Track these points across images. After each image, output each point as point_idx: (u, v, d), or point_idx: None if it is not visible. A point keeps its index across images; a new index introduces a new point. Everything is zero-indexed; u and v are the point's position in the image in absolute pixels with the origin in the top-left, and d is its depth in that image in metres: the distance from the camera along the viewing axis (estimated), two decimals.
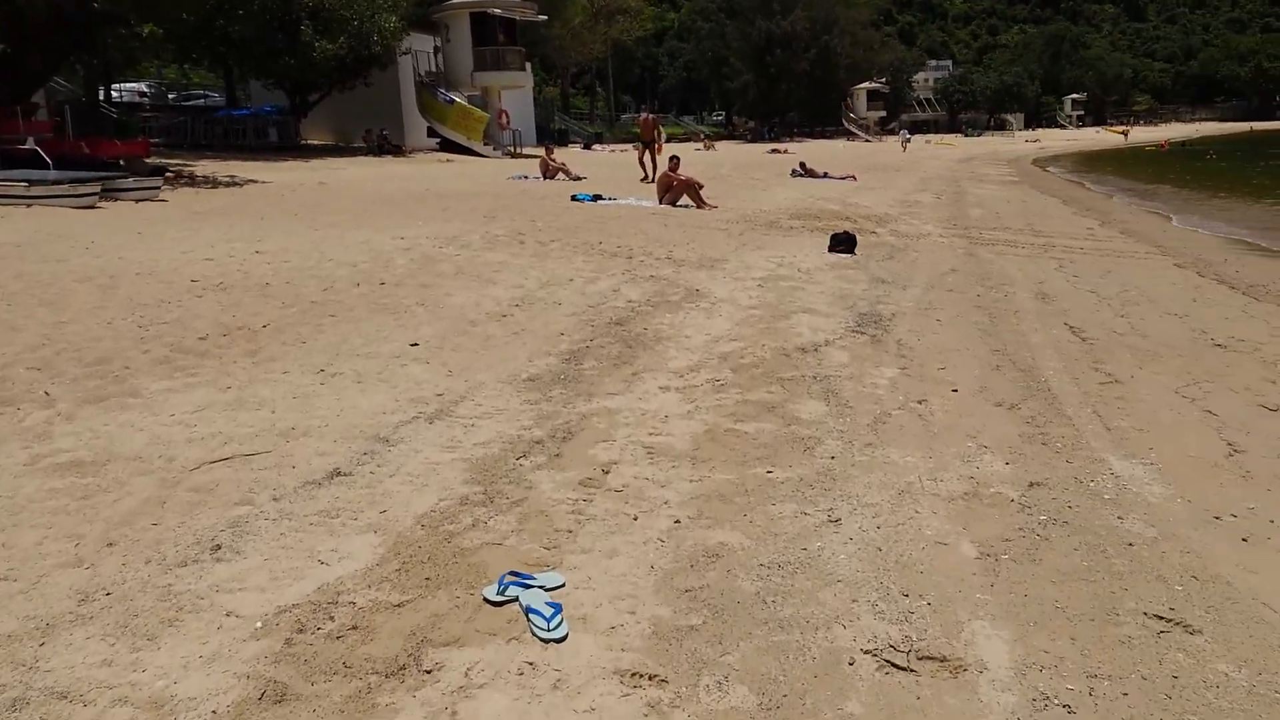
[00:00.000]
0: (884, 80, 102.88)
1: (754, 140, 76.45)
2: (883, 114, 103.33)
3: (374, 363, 6.39)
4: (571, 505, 4.12)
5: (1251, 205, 25.21)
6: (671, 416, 5.47)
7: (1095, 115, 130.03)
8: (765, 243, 13.81)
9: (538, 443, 4.95)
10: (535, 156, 30.22)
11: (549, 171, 26.76)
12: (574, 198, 19.58)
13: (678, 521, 3.98)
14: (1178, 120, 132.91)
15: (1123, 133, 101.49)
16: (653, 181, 23.58)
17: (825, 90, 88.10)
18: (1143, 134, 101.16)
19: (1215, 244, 16.94)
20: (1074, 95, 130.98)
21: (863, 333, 7.88)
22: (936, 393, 6.17)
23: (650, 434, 5.15)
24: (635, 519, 4.01)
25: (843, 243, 12.99)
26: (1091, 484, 4.61)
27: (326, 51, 32.82)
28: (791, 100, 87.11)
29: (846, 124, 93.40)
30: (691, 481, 4.45)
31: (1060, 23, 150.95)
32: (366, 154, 35.87)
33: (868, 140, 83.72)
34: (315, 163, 30.33)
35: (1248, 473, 4.86)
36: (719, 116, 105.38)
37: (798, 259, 12.18)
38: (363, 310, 8.00)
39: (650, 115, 26.56)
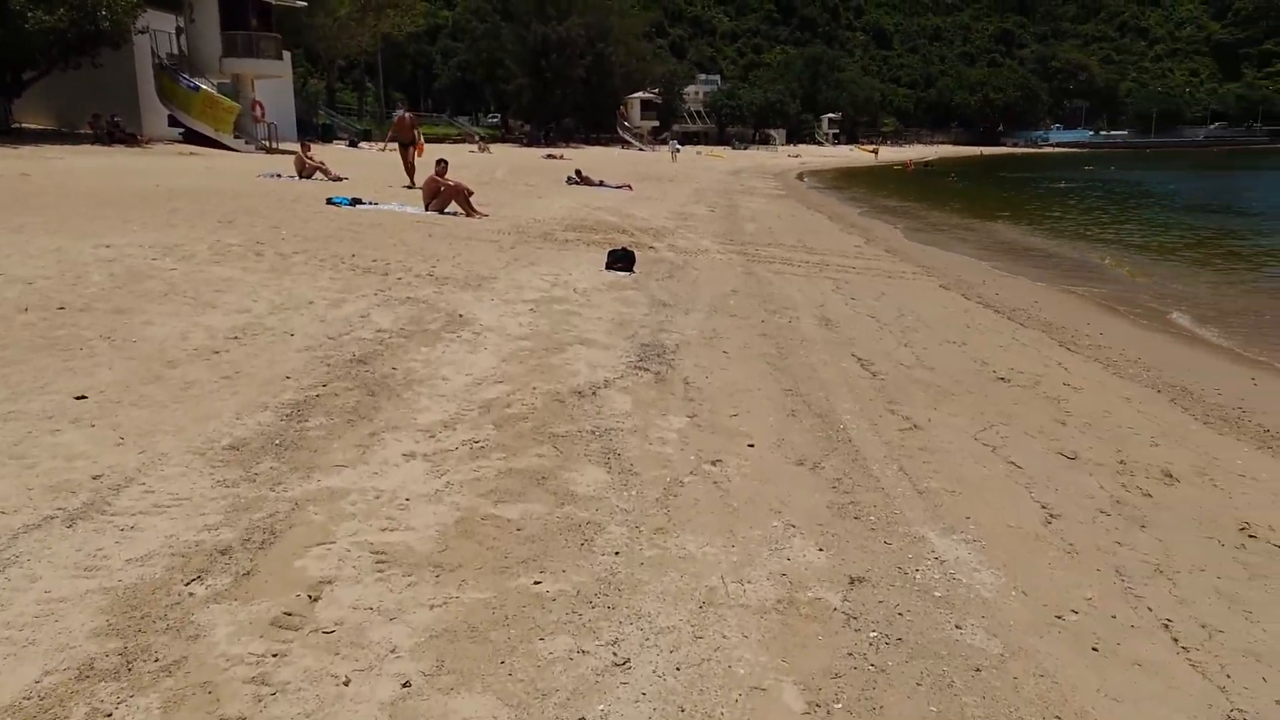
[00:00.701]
0: (657, 91, 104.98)
1: (530, 144, 75.48)
2: (656, 124, 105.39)
3: (11, 427, 4.78)
4: (254, 667, 2.88)
5: (986, 221, 27.02)
6: (415, 498, 4.32)
7: (849, 134, 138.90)
8: (539, 258, 12.80)
9: (223, 553, 3.63)
10: (292, 153, 27.70)
11: (305, 170, 24.49)
12: (330, 201, 17.76)
13: (407, 684, 2.86)
14: (920, 142, 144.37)
15: (873, 151, 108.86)
16: (414, 186, 22.07)
17: (600, 97, 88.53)
18: (891, 153, 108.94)
19: (966, 264, 17.62)
20: (830, 114, 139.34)
21: (646, 369, 7.02)
22: (732, 449, 5.37)
23: (384, 529, 3.97)
24: (346, 683, 2.84)
25: (620, 260, 12.19)
26: (917, 574, 3.90)
27: (42, 24, 28.70)
28: (567, 105, 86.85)
29: (621, 132, 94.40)
30: (433, 607, 3.33)
31: (818, 46, 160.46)
32: (93, 142, 31.74)
33: (642, 149, 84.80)
34: (26, 150, 26.33)
35: (1071, 547, 4.34)
36: (494, 119, 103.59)
37: (574, 277, 11.24)
38: (21, 347, 6.21)
39: (407, 114, 24.70)
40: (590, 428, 5.53)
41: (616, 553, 3.90)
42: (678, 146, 69.76)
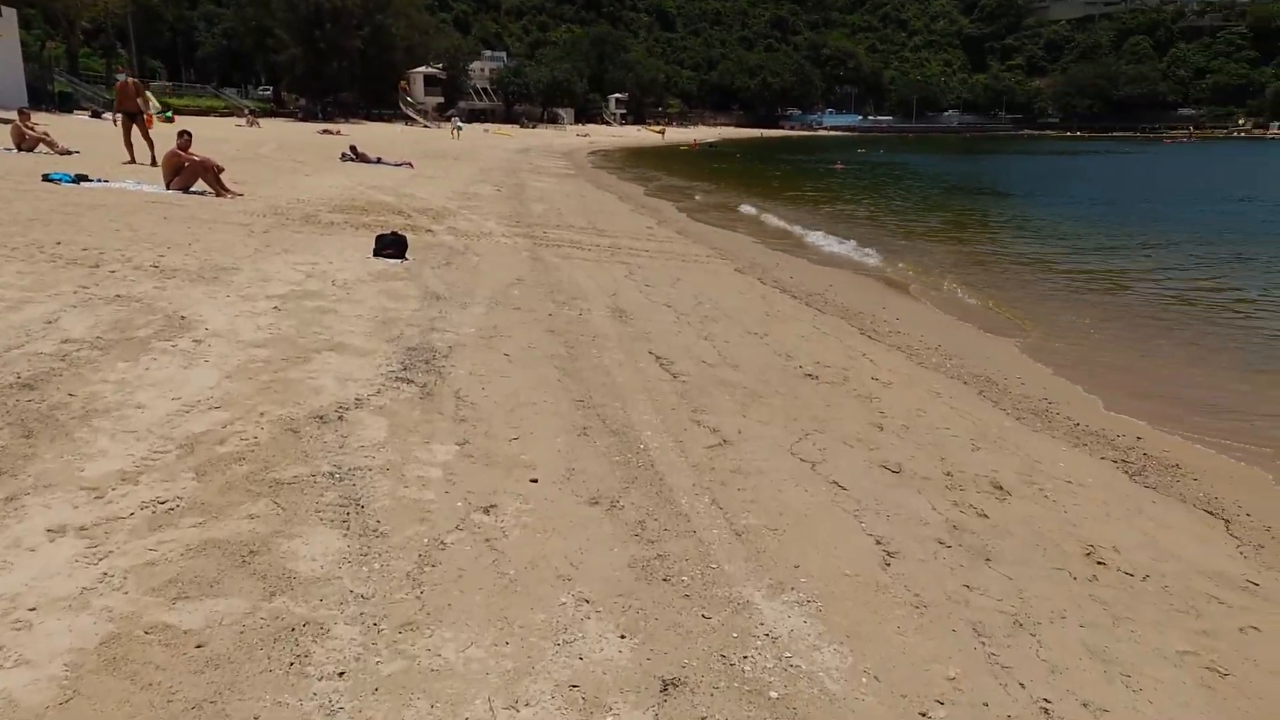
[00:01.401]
0: (441, 66, 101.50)
1: (306, 119, 70.83)
2: (441, 100, 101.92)
3: None
4: None
5: (774, 202, 27.27)
6: (46, 606, 3.00)
7: (636, 114, 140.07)
8: (296, 244, 11.19)
9: None
10: (8, 121, 24.01)
11: (25, 142, 21.20)
12: (46, 177, 15.21)
13: None
14: (704, 123, 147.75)
15: (660, 132, 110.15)
16: (135, 162, 19.55)
17: (381, 71, 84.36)
18: (677, 134, 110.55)
19: (760, 250, 17.33)
20: (617, 95, 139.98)
21: (410, 380, 5.85)
22: (510, 486, 4.34)
23: None
24: None
25: (391, 246, 10.82)
26: (746, 664, 3.02)
27: None
28: (345, 78, 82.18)
29: (405, 108, 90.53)
30: None
31: (603, 25, 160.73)
32: None
33: (427, 126, 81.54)
34: None
35: (918, 599, 3.61)
36: (266, 91, 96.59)
37: (335, 266, 9.80)
38: None
39: (131, 79, 21.63)
40: (328, 468, 4.33)
41: (341, 673, 2.77)
42: (459, 124, 67.44)
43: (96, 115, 45.10)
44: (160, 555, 3.38)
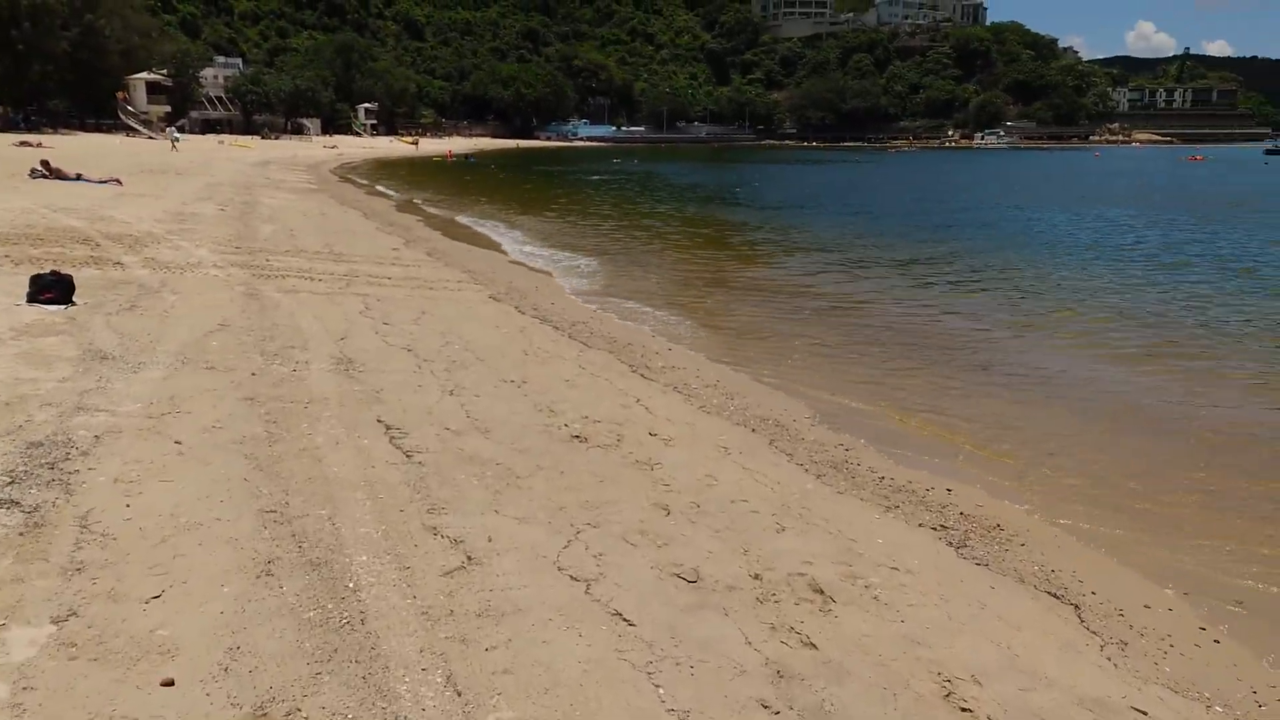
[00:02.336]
0: (166, 73, 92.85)
1: (5, 129, 62.23)
2: (169, 109, 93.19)
3: None
4: None
5: (533, 218, 26.14)
6: None
7: (387, 125, 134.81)
8: None
9: None
10: None
11: None
12: None
13: None
14: (459, 134, 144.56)
15: (413, 143, 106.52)
16: None
17: (94, 77, 75.73)
18: (431, 145, 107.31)
19: (519, 272, 16.08)
20: (367, 105, 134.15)
21: (13, 502, 4.09)
22: (124, 703, 2.78)
23: None
24: None
25: (51, 288, 8.63)
26: None
27: None
28: (52, 84, 73.13)
29: (125, 117, 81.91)
30: None
31: (348, 32, 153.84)
32: None
33: (151, 137, 74.06)
34: None
35: None
36: None
37: None
38: None
39: None
40: None
41: None
42: (176, 135, 61.63)
43: None
44: None
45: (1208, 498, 5.72)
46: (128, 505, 4.19)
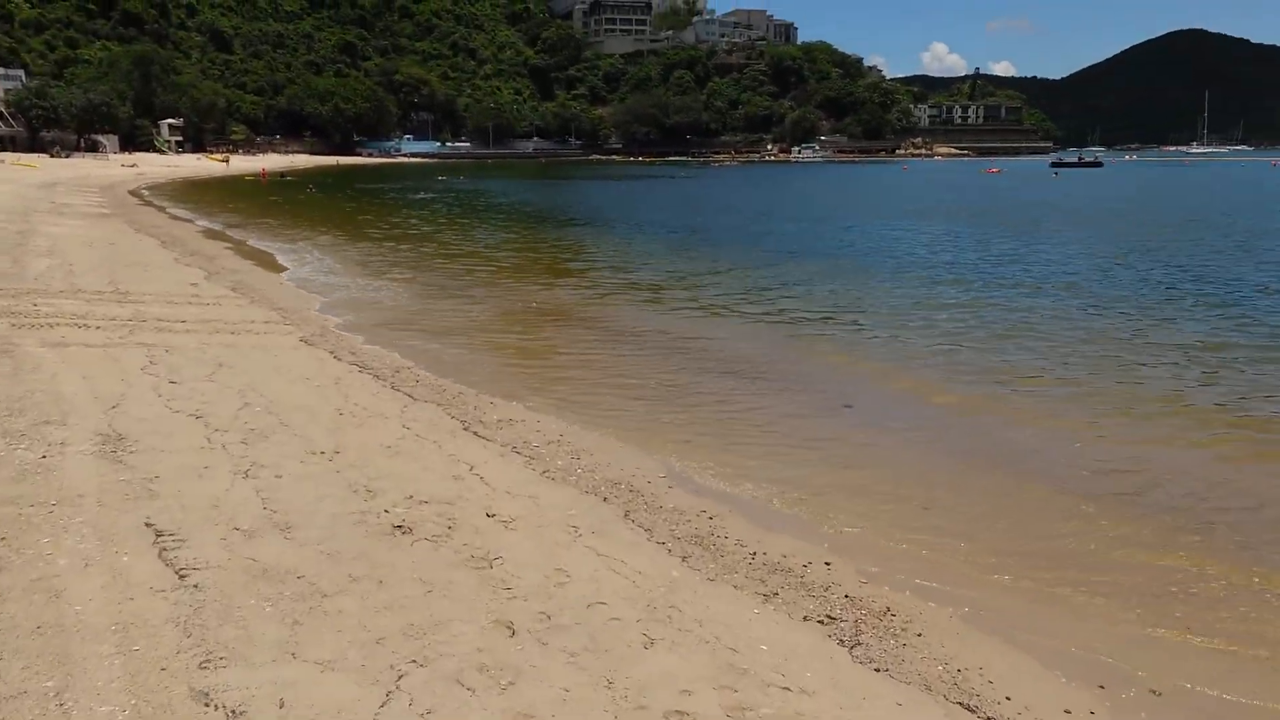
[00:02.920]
0: None
1: None
2: None
3: None
4: None
5: (353, 244, 24.56)
6: None
7: (195, 142, 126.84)
8: None
9: None
10: None
11: None
12: None
13: None
14: (274, 151, 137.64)
15: (224, 160, 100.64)
16: None
17: None
18: (243, 163, 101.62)
19: (335, 306, 14.78)
20: (171, 120, 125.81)
21: None
22: None
23: None
24: None
25: None
26: None
27: None
28: None
29: None
30: None
31: (146, 43, 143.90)
32: None
33: None
34: None
35: None
36: None
37: None
38: None
39: None
40: None
41: None
42: None
43: None
44: None
45: (1099, 560, 5.36)
46: None
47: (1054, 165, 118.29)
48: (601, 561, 4.77)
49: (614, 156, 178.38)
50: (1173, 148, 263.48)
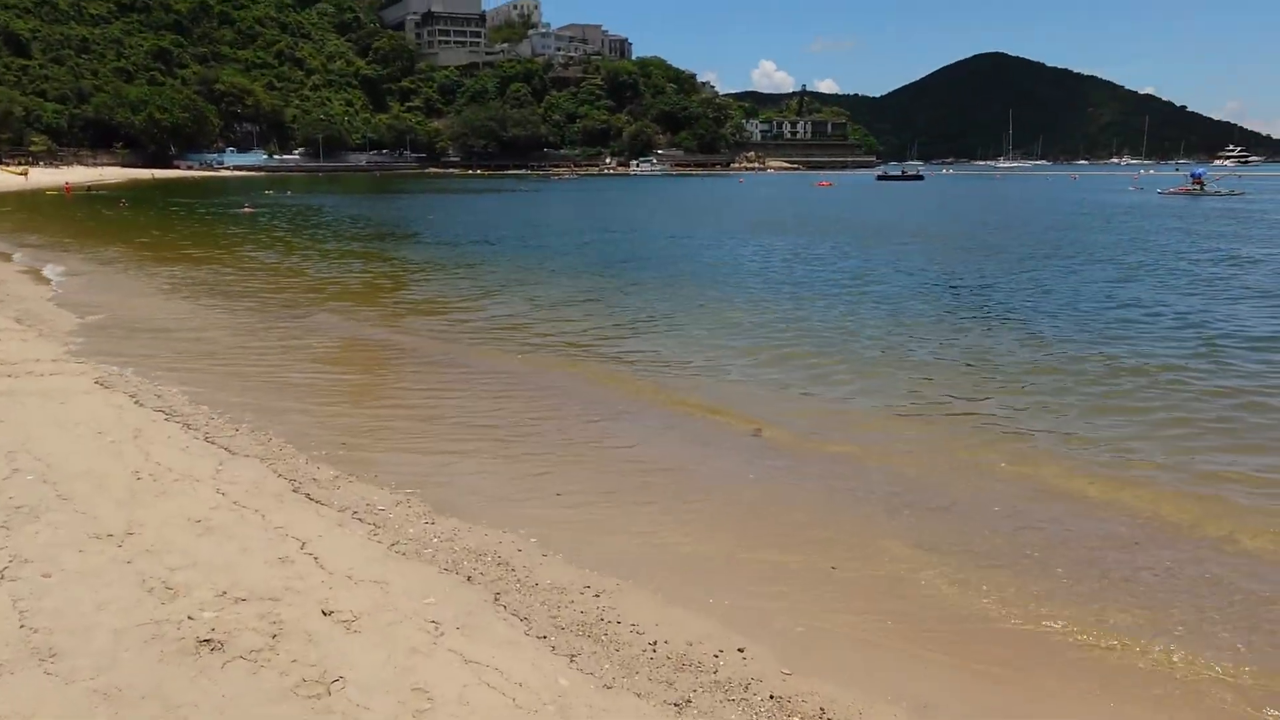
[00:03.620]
0: None
1: None
2: None
3: None
4: None
5: (162, 264, 22.35)
6: None
7: None
8: None
9: None
10: None
11: None
12: None
13: None
14: (81, 163, 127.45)
15: (22, 173, 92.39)
16: None
17: None
18: (45, 176, 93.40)
19: (138, 336, 13.09)
20: None
21: None
22: None
23: None
24: None
25: None
26: None
27: None
28: None
29: None
30: None
31: None
32: None
33: None
34: None
35: None
36: None
37: None
38: None
39: None
40: None
41: None
42: None
43: None
44: None
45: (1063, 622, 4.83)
46: None
47: (880, 178, 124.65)
48: (471, 672, 3.83)
49: (452, 170, 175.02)
50: (982, 162, 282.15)
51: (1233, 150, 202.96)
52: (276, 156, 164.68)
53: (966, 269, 21.90)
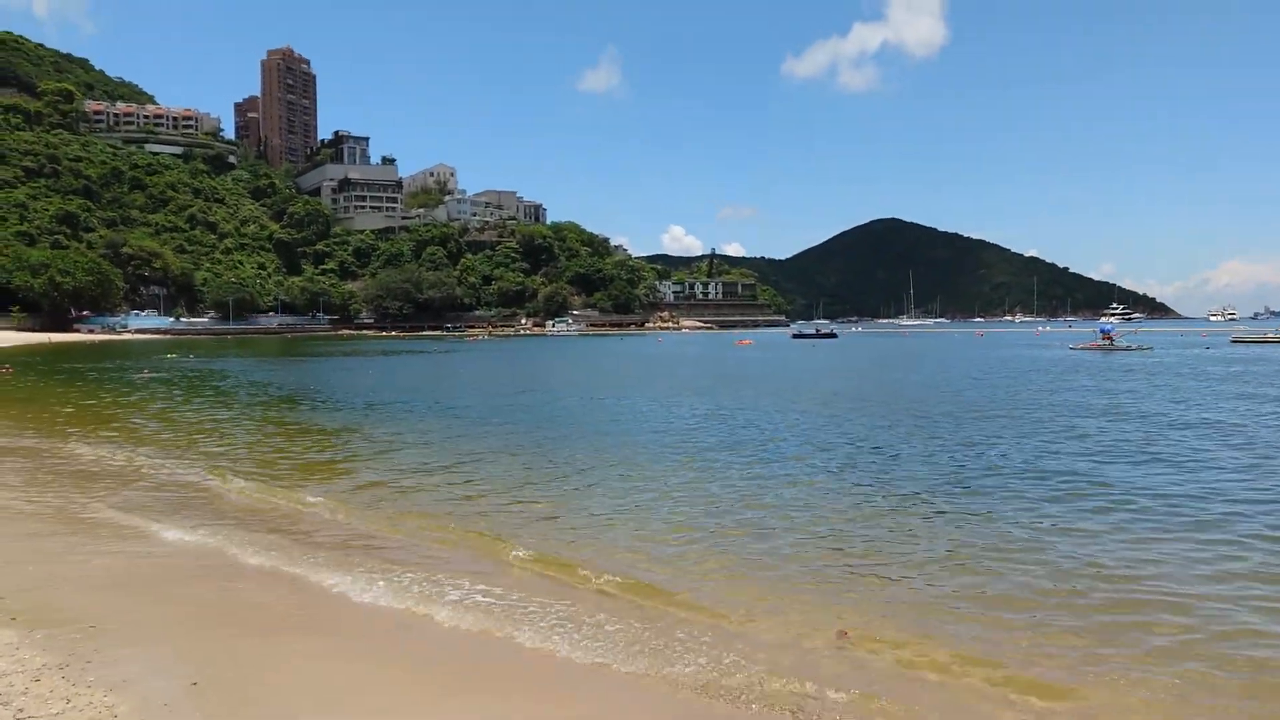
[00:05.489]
0: None
1: None
2: None
3: None
4: None
5: (36, 436, 21.09)
6: None
7: None
8: None
9: None
10: None
11: None
12: None
13: None
14: None
15: None
16: None
17: None
18: None
19: None
20: None
21: None
22: None
23: None
24: None
25: None
26: None
27: None
28: None
29: None
30: None
31: None
32: None
33: None
34: None
35: None
36: None
37: None
38: None
39: None
40: None
41: None
42: None
43: None
44: None
45: None
46: None
47: (795, 336, 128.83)
48: None
49: (365, 331, 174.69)
50: (885, 320, 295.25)
51: (1116, 308, 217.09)
52: (184, 319, 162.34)
53: (1006, 441, 22.10)
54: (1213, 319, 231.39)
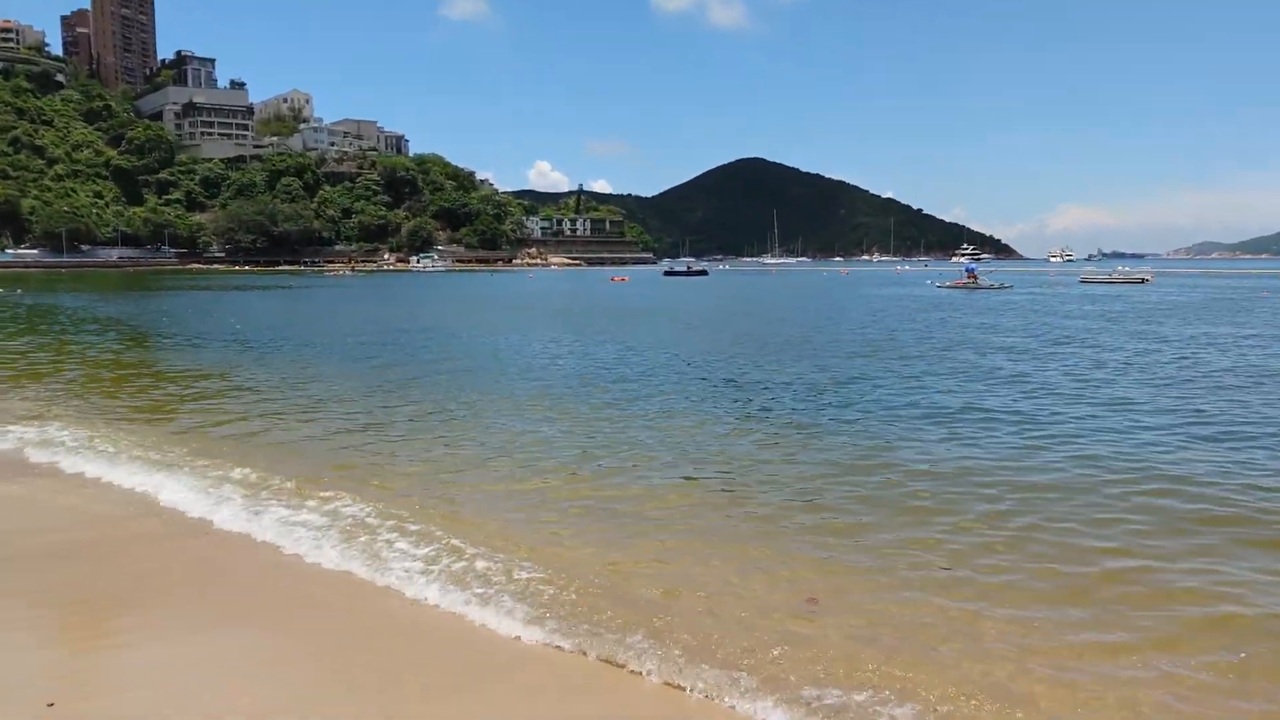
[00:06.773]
0: None
1: None
2: None
3: None
4: None
5: None
6: None
7: None
8: None
9: None
10: None
11: None
12: None
13: None
14: None
15: None
16: None
17: None
18: None
19: None
20: None
21: None
22: None
23: None
24: None
25: None
26: None
27: None
28: None
29: None
30: None
31: None
32: None
33: None
34: None
35: None
36: None
37: None
38: None
39: None
40: None
41: None
42: None
43: None
44: None
45: None
46: None
47: (667, 273, 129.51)
48: None
49: (216, 265, 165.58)
50: (749, 259, 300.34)
51: (967, 249, 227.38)
52: (10, 251, 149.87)
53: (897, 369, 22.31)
54: (1052, 260, 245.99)
